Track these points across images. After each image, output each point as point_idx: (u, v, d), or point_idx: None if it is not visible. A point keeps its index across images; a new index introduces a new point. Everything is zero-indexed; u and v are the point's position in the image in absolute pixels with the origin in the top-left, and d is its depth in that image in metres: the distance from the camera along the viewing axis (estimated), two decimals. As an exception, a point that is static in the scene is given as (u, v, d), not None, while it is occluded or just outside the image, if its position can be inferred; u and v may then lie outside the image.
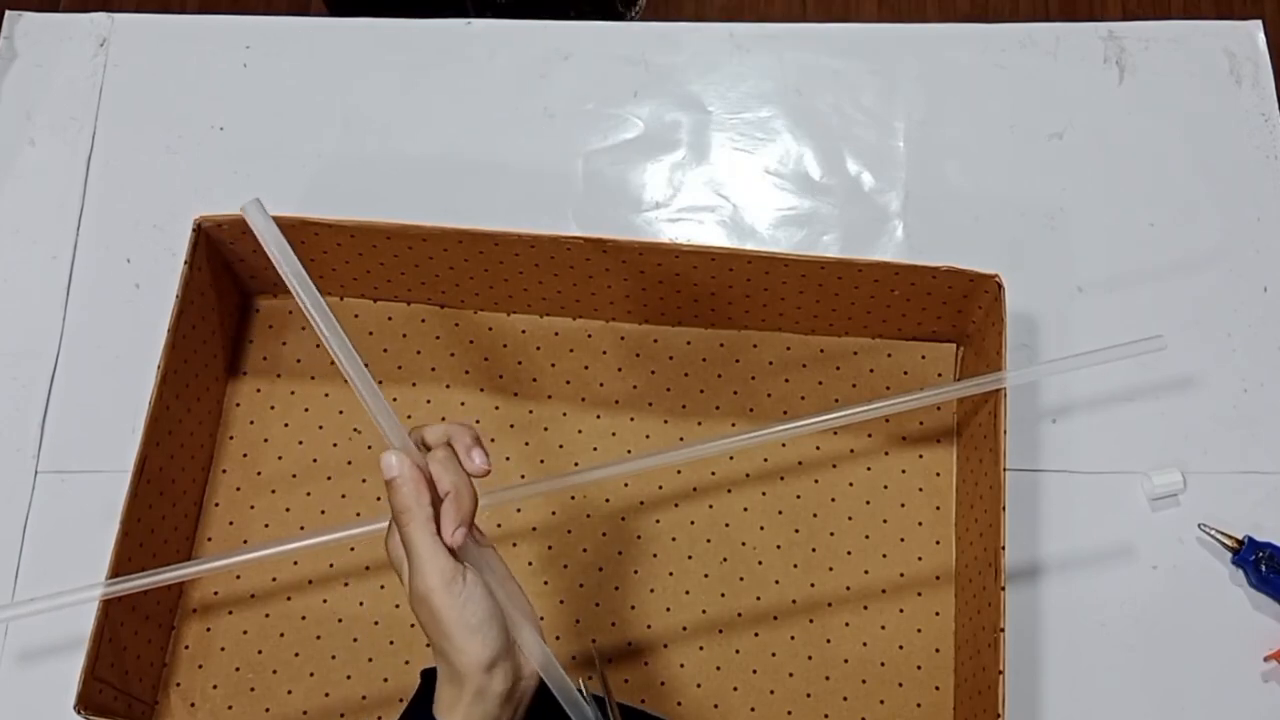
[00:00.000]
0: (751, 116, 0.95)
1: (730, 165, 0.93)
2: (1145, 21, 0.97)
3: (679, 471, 0.82)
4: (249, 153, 0.93)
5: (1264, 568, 0.79)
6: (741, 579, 0.80)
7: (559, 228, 0.91)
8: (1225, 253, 0.89)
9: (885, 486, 0.82)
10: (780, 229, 0.91)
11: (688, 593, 0.80)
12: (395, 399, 0.84)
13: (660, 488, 0.82)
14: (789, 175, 0.93)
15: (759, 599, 0.80)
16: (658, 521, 0.81)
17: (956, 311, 0.80)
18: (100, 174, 0.92)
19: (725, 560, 0.81)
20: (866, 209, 0.91)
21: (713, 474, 0.82)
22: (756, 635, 0.79)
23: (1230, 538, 0.80)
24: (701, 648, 0.79)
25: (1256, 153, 0.92)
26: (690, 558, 0.81)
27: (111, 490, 0.82)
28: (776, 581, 0.80)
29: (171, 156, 0.93)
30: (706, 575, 0.80)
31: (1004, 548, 0.69)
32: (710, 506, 0.82)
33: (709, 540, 0.81)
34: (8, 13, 0.97)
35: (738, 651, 0.79)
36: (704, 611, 0.79)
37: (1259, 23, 0.96)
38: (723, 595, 0.80)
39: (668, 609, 0.80)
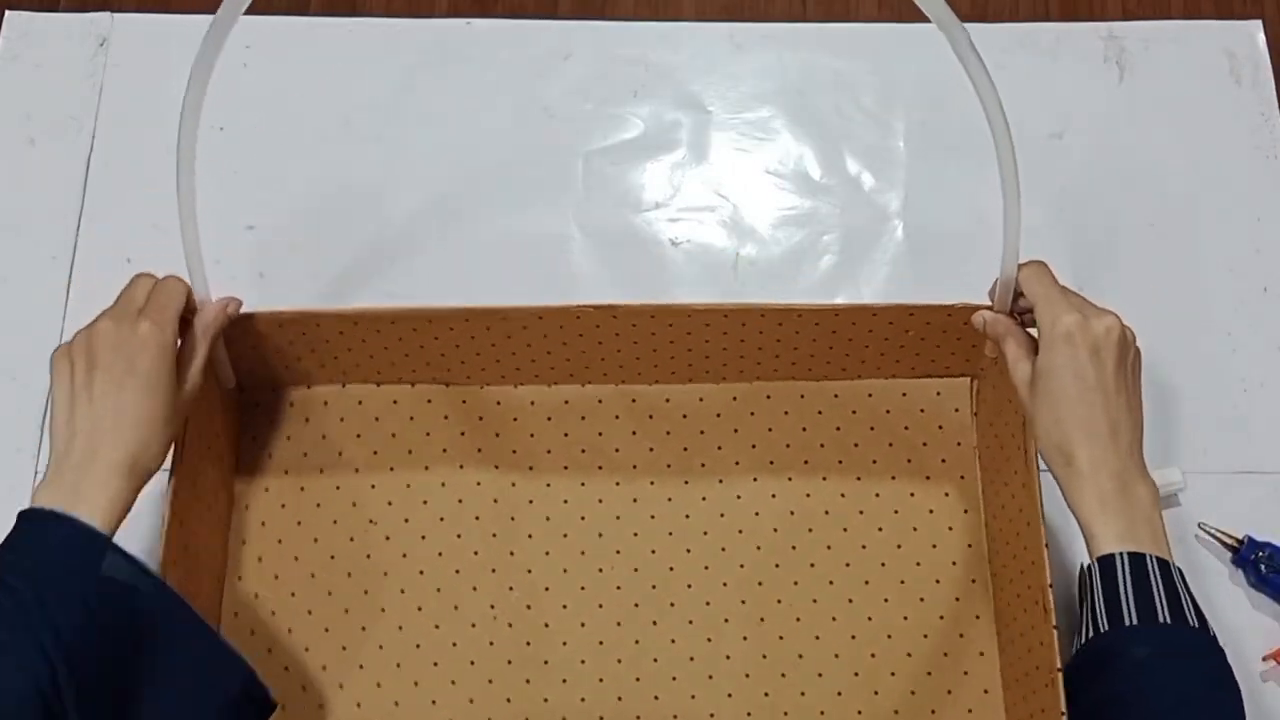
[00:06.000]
0: (751, 116, 0.95)
1: (730, 165, 0.93)
2: (1145, 21, 0.97)
3: (705, 533, 0.81)
4: (249, 153, 0.93)
5: (1264, 568, 0.79)
6: (781, 638, 0.78)
7: (559, 228, 0.91)
8: (1225, 253, 0.89)
9: (915, 529, 0.81)
10: (780, 229, 0.91)
11: (728, 658, 0.78)
12: (409, 485, 0.81)
13: (688, 551, 0.80)
14: (789, 175, 0.93)
15: (801, 657, 0.78)
16: (689, 586, 0.79)
17: (970, 346, 0.79)
18: (100, 174, 0.92)
19: (763, 620, 0.79)
20: (866, 209, 0.91)
21: (740, 532, 0.81)
22: (803, 695, 0.77)
23: (1230, 537, 0.80)
24: (730, 694, 0.77)
25: (1256, 153, 0.92)
26: (726, 621, 0.79)
27: (111, 490, 0.82)
28: (817, 637, 0.78)
29: (171, 156, 0.92)
30: (745, 638, 0.78)
31: (1051, 585, 0.67)
32: (741, 566, 0.80)
33: (743, 601, 0.79)
34: (8, 13, 0.97)
35: (766, 694, 0.77)
36: (727, 657, 0.78)
37: (1259, 23, 0.96)
38: (764, 657, 0.78)
39: (691, 659, 0.78)
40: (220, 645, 0.65)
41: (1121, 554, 0.62)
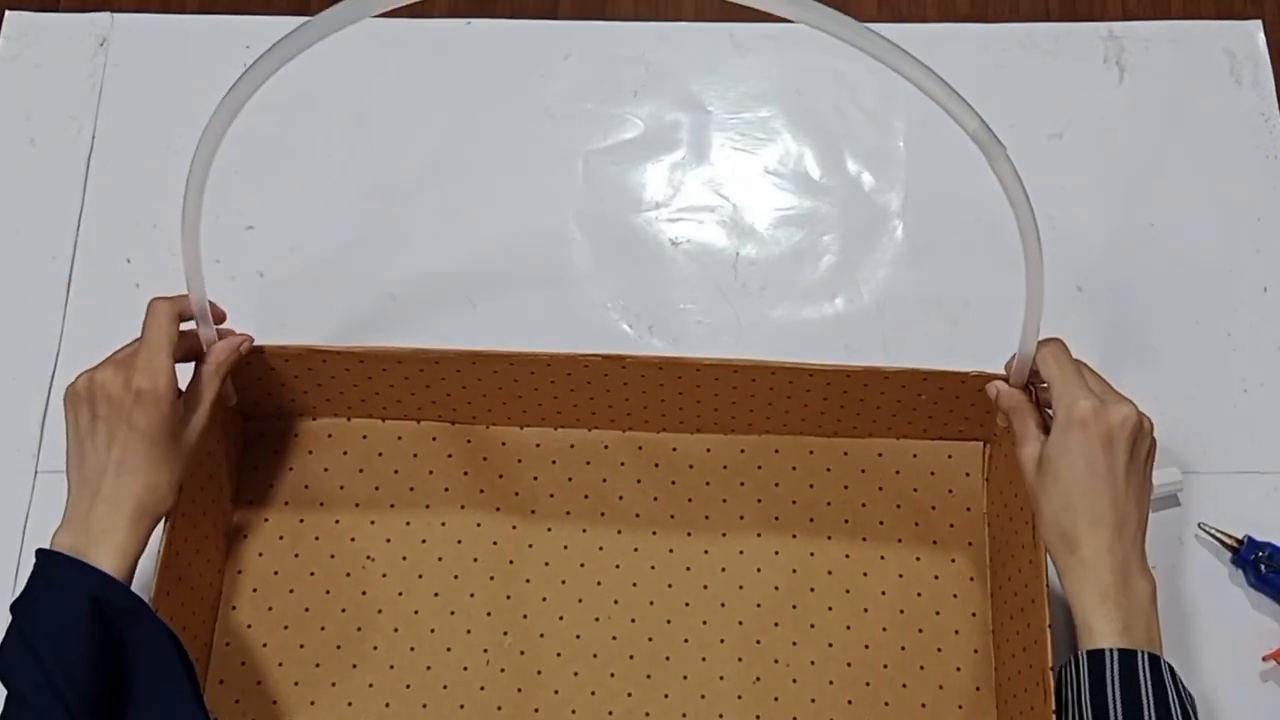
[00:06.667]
0: (751, 116, 0.95)
1: (730, 165, 0.93)
2: (1145, 21, 0.97)
3: (705, 587, 0.80)
4: (248, 153, 0.93)
5: (1264, 568, 0.79)
6: (776, 699, 0.77)
7: (559, 228, 0.91)
8: (1225, 253, 0.89)
9: (919, 594, 0.79)
10: (780, 229, 0.91)
11: (721, 716, 0.76)
12: (409, 523, 0.80)
13: (687, 604, 0.79)
14: (789, 175, 0.93)
15: None
16: (686, 641, 0.78)
17: (984, 411, 0.78)
18: (100, 174, 0.92)
19: (758, 680, 0.77)
20: (866, 209, 0.91)
21: (740, 588, 0.80)
22: None
23: (1230, 537, 0.80)
24: None
25: (1256, 153, 0.92)
26: (722, 679, 0.77)
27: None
28: (813, 700, 0.77)
29: (171, 156, 0.92)
30: (740, 697, 0.77)
31: (1053, 667, 0.66)
32: (740, 623, 0.78)
33: (740, 659, 0.78)
34: (8, 13, 0.97)
35: None
36: (720, 716, 0.77)
37: (1259, 23, 0.96)
38: (757, 718, 0.77)
39: (683, 715, 0.76)
40: None
41: (1111, 651, 0.61)
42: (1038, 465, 0.67)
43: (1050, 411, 0.70)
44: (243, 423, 0.82)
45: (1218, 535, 0.80)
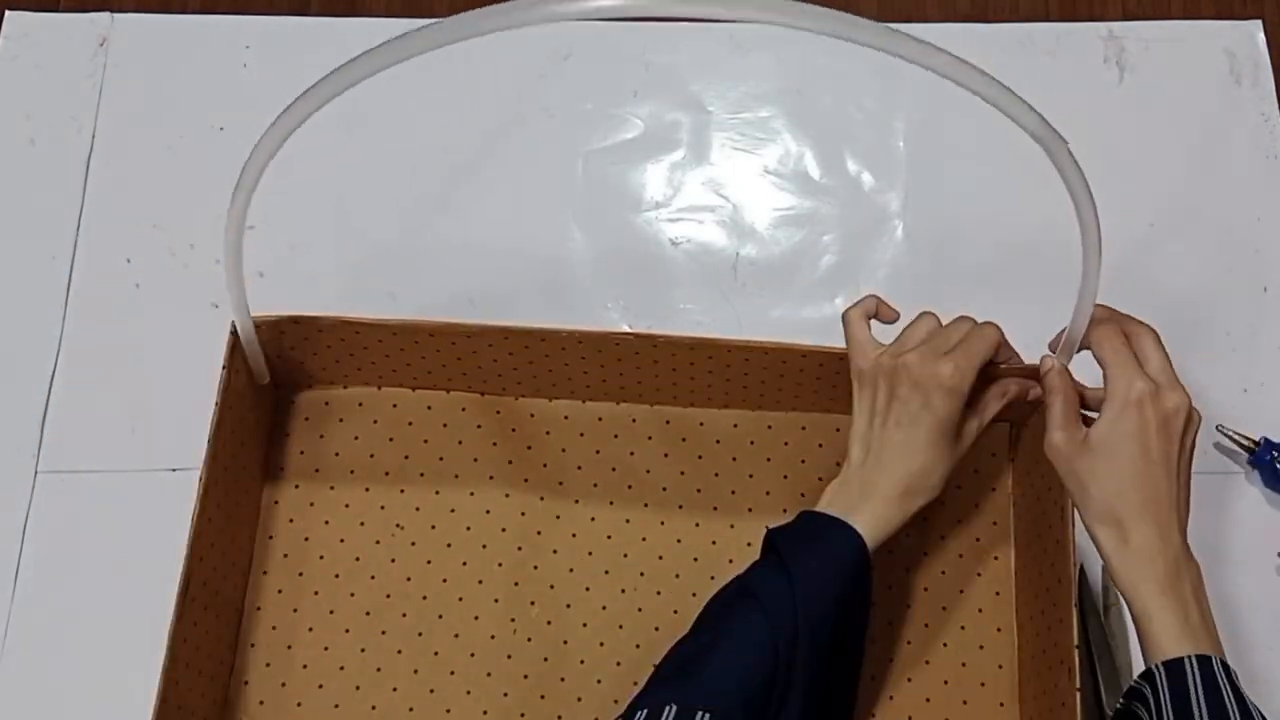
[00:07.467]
0: (751, 116, 0.95)
1: (730, 165, 0.93)
2: (1145, 21, 0.97)
3: (730, 561, 0.79)
4: (249, 153, 0.93)
5: (1280, 468, 0.80)
6: None
7: (559, 228, 0.91)
8: (1225, 253, 0.89)
9: (943, 572, 0.80)
10: (780, 229, 0.91)
11: None
12: (438, 492, 0.81)
13: (712, 578, 0.77)
14: (789, 175, 0.93)
15: None
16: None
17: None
18: (100, 174, 0.92)
19: None
20: (866, 209, 0.91)
21: None
22: None
23: (1247, 439, 0.81)
24: None
25: (1256, 153, 0.92)
26: None
27: (112, 490, 0.82)
28: None
29: (171, 156, 0.93)
30: None
31: (1078, 647, 0.67)
32: None
33: None
34: (8, 13, 0.97)
35: None
36: None
37: (1259, 23, 0.96)
38: None
39: None
40: None
41: (1190, 659, 0.60)
42: (1085, 446, 0.65)
43: (1088, 397, 0.69)
44: (274, 391, 0.83)
45: (1234, 437, 0.81)
